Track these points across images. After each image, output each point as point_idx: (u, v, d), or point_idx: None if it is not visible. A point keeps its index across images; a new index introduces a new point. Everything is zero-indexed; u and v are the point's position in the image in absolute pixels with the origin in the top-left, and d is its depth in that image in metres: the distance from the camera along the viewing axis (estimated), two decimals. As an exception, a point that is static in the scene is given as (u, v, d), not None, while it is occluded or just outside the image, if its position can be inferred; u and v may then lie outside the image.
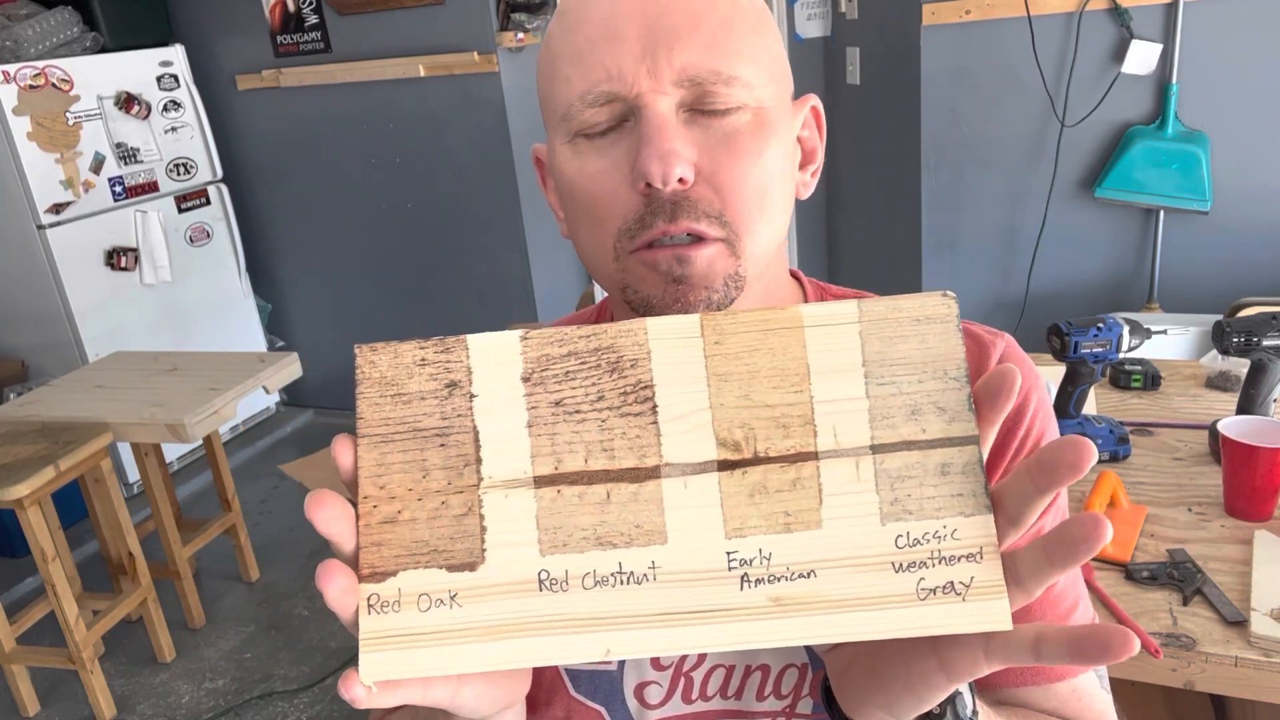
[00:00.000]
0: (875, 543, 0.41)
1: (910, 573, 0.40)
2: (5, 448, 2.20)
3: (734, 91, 0.56)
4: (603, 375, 0.43)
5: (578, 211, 0.60)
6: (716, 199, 0.56)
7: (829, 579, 0.41)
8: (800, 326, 0.43)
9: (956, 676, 0.42)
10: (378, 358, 0.43)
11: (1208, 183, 2.61)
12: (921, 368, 0.42)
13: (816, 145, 0.67)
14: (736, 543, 0.41)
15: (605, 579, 0.41)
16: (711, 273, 0.56)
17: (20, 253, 3.17)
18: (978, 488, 0.41)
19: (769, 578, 0.41)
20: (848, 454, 0.42)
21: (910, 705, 0.45)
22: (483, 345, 0.43)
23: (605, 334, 0.43)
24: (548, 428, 0.43)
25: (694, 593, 0.41)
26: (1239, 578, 1.11)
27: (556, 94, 0.58)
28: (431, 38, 3.32)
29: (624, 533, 0.42)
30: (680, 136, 0.55)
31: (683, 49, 0.55)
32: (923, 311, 0.42)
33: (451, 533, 0.42)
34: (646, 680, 0.64)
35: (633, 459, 0.42)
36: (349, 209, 3.72)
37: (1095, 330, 1.37)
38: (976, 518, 0.41)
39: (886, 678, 0.45)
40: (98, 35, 3.49)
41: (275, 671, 2.49)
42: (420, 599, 0.41)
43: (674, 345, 0.43)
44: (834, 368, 0.42)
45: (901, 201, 3.08)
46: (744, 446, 0.42)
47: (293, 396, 4.11)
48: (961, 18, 2.74)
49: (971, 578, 0.40)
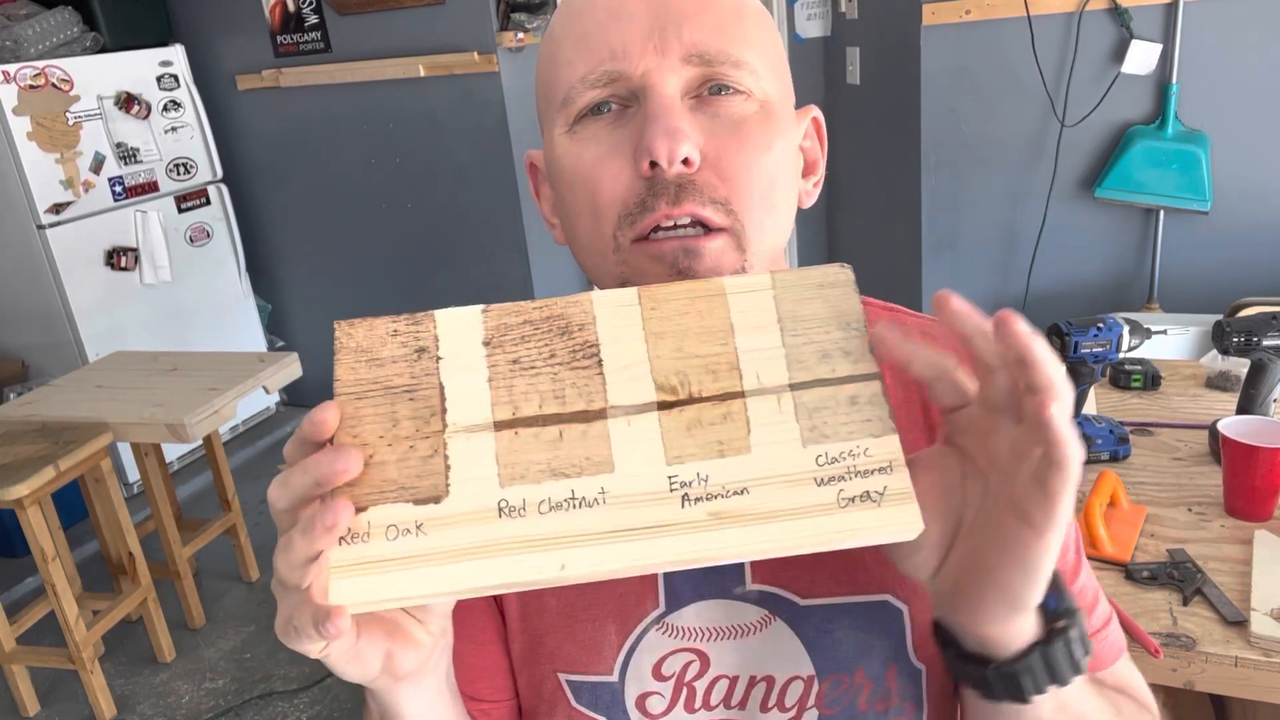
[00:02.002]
0: (799, 462, 0.46)
1: (831, 485, 0.46)
2: (5, 448, 2.20)
3: (742, 76, 0.55)
4: (554, 337, 0.48)
5: (576, 202, 0.58)
6: (722, 186, 0.55)
7: (760, 494, 0.45)
8: (724, 294, 0.49)
9: (1037, 523, 0.43)
10: (354, 330, 0.49)
11: (1208, 183, 2.61)
12: (827, 322, 0.49)
13: (818, 156, 0.66)
14: (676, 468, 0.46)
15: (559, 504, 0.45)
16: (719, 267, 0.55)
17: (20, 252, 3.17)
18: (883, 414, 0.47)
19: (707, 496, 0.45)
20: (770, 392, 0.47)
21: (1022, 580, 0.45)
22: (448, 317, 0.49)
23: (556, 305, 0.49)
24: (505, 381, 0.48)
25: (640, 512, 0.45)
26: (1239, 578, 1.11)
27: (558, 80, 0.57)
28: (431, 38, 3.32)
29: (576, 464, 0.46)
30: (686, 118, 0.54)
31: (691, 28, 0.54)
32: (825, 279, 0.50)
33: (419, 471, 0.46)
34: (648, 691, 0.63)
35: (582, 403, 0.47)
36: (349, 209, 3.72)
37: (1095, 330, 1.37)
38: (884, 438, 0.46)
39: (990, 563, 0.46)
40: (98, 35, 3.49)
41: (275, 671, 2.49)
42: (388, 529, 0.45)
43: (616, 311, 0.49)
44: (753, 325, 0.49)
45: (901, 201, 3.08)
46: (679, 390, 0.48)
47: (293, 396, 4.11)
48: (961, 18, 2.74)
49: (885, 487, 0.45)
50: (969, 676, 0.52)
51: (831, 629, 0.61)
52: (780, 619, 0.62)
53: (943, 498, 0.48)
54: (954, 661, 0.52)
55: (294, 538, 0.43)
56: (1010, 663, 0.49)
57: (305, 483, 0.44)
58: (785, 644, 0.62)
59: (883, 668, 0.62)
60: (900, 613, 0.62)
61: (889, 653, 0.62)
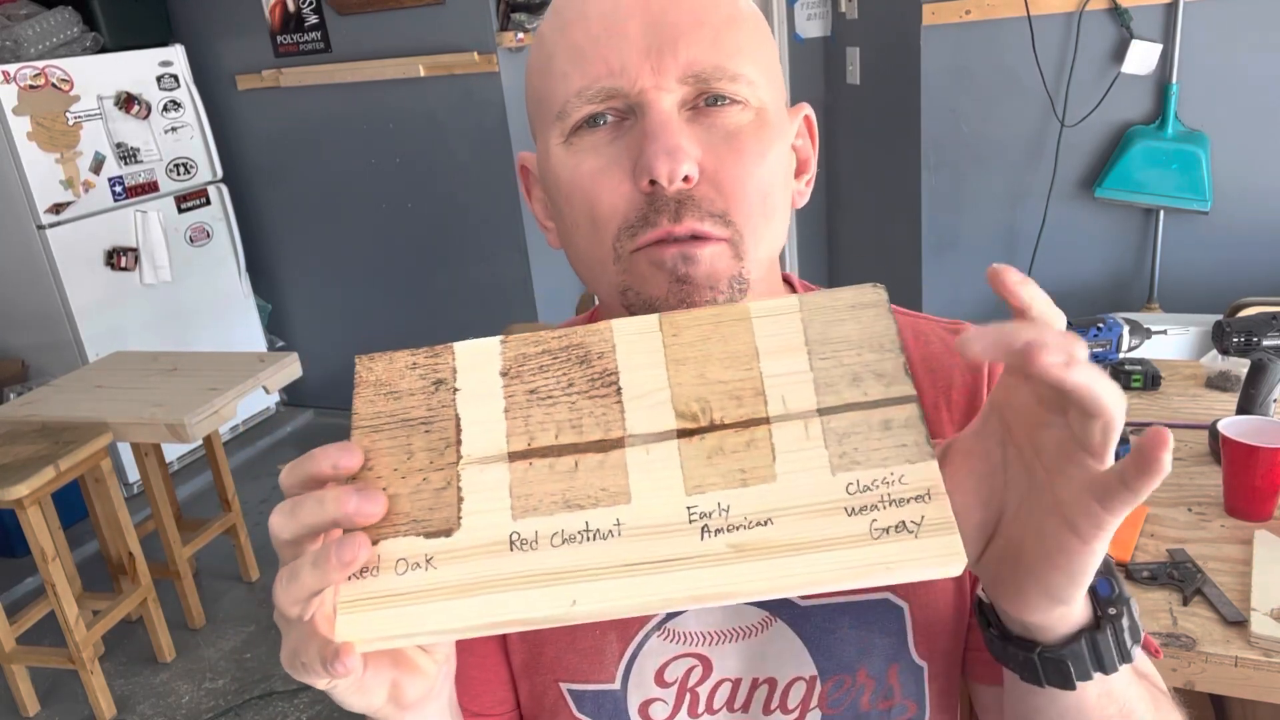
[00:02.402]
0: (827, 491, 0.43)
1: (863, 515, 0.42)
2: (5, 448, 2.20)
3: (738, 87, 0.55)
4: (573, 367, 0.47)
5: (574, 213, 0.58)
6: (720, 199, 0.55)
7: (785, 525, 0.43)
8: (749, 318, 0.47)
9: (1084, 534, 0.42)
10: (374, 364, 0.48)
11: (1208, 183, 2.61)
12: (859, 344, 0.46)
13: (810, 155, 0.66)
14: (696, 498, 0.44)
15: (572, 536, 0.43)
16: (715, 272, 0.55)
17: (20, 252, 3.17)
18: (920, 438, 0.43)
19: (728, 527, 0.43)
20: (796, 417, 0.45)
21: (1064, 582, 0.44)
22: (467, 348, 0.48)
23: (575, 334, 0.48)
24: (522, 411, 0.46)
25: (657, 544, 0.43)
26: (1239, 578, 1.11)
27: (553, 92, 0.57)
28: (431, 38, 3.31)
29: (591, 495, 0.44)
30: (684, 133, 0.54)
31: (687, 46, 0.54)
32: (858, 299, 0.47)
33: (431, 504, 0.45)
34: (651, 698, 0.63)
35: (599, 432, 0.46)
36: (349, 209, 3.72)
37: (1095, 330, 1.37)
38: (921, 464, 0.43)
39: (1031, 561, 0.44)
40: (98, 35, 3.49)
41: (275, 671, 2.49)
42: (398, 563, 0.43)
43: (636, 339, 0.47)
44: (780, 349, 0.46)
45: (901, 201, 3.08)
46: (700, 417, 0.45)
47: (293, 396, 4.11)
48: (961, 18, 2.74)
49: (922, 516, 0.42)
50: (1012, 659, 0.50)
51: (833, 629, 0.61)
52: (781, 620, 0.62)
53: (983, 484, 0.45)
54: (996, 642, 0.51)
55: (302, 570, 0.42)
56: (1056, 647, 0.48)
57: (319, 517, 0.42)
58: (787, 645, 0.62)
59: (884, 666, 0.62)
60: (900, 610, 0.62)
61: (890, 651, 0.62)
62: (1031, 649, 0.49)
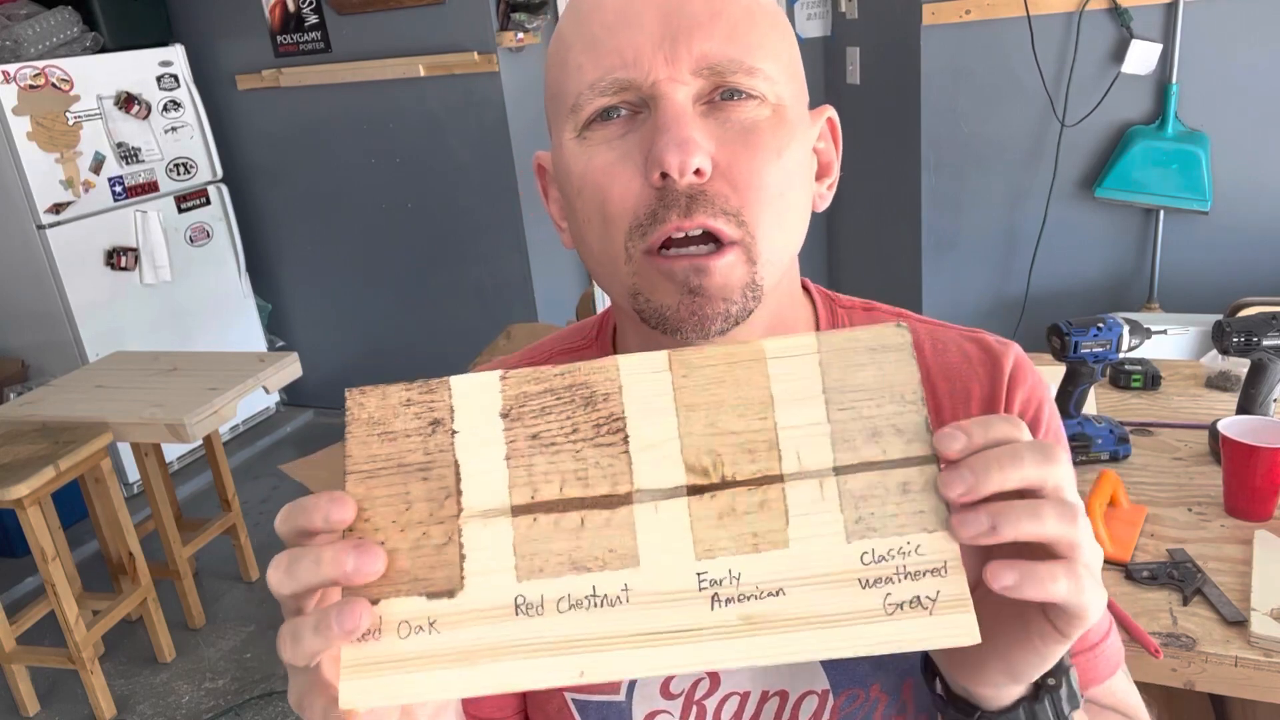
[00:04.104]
0: (841, 560, 0.42)
1: (877, 588, 0.41)
2: (5, 448, 2.20)
3: (755, 82, 0.54)
4: (577, 409, 0.45)
5: (586, 209, 0.56)
6: (734, 195, 0.53)
7: (798, 597, 0.42)
8: (763, 359, 0.44)
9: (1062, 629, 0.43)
10: (366, 399, 0.45)
11: (1208, 183, 2.61)
12: (879, 393, 0.44)
13: (833, 158, 0.65)
14: (706, 564, 0.42)
15: (579, 602, 0.42)
16: (729, 283, 0.54)
17: (20, 253, 3.17)
18: (938, 505, 0.42)
19: (739, 597, 0.42)
20: (811, 475, 0.43)
21: (1033, 664, 0.45)
22: (464, 386, 0.45)
23: (579, 371, 0.45)
24: (524, 459, 0.44)
25: (666, 613, 0.42)
26: (1239, 578, 1.11)
27: (567, 84, 0.56)
28: (431, 38, 3.32)
29: (598, 556, 0.43)
30: (698, 126, 0.52)
31: (703, 38, 0.53)
32: (879, 341, 0.44)
33: (432, 562, 0.43)
34: (657, 710, 0.62)
35: (606, 486, 0.44)
36: (349, 209, 3.72)
37: (1095, 330, 1.37)
38: (939, 533, 0.42)
39: (1004, 642, 0.45)
40: (98, 35, 3.49)
41: (275, 671, 2.49)
42: (400, 626, 0.42)
43: (644, 379, 0.45)
44: (796, 395, 0.44)
45: (901, 201, 3.08)
46: (712, 472, 0.43)
47: (293, 396, 4.11)
48: (961, 18, 2.74)
49: (937, 592, 0.41)
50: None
51: None
52: None
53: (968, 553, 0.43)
54: (939, 701, 0.52)
55: (304, 634, 0.41)
56: (995, 715, 0.49)
57: (316, 577, 0.41)
58: None
59: (898, 682, 0.61)
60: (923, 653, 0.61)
61: (905, 667, 0.61)
62: (971, 714, 0.50)
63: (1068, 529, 0.41)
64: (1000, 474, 0.40)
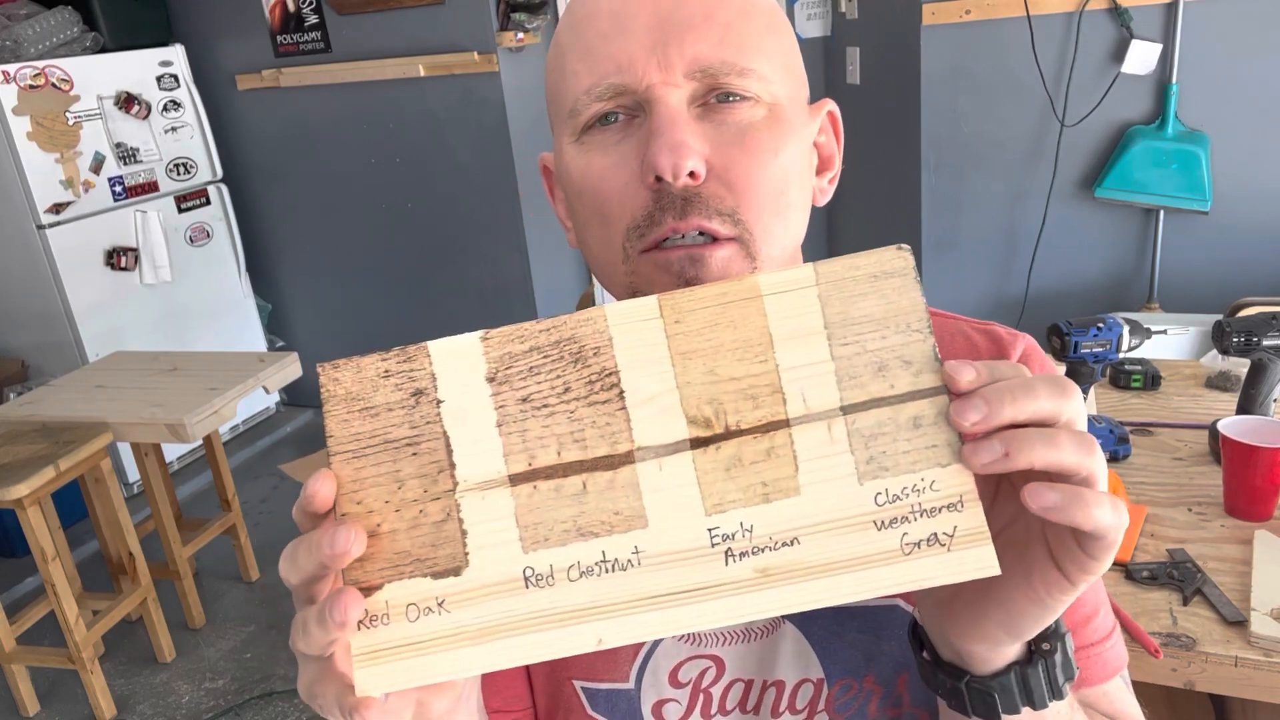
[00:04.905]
0: (855, 503, 0.41)
1: (893, 529, 0.40)
2: (5, 448, 2.20)
3: (748, 84, 0.54)
4: (567, 367, 0.42)
5: (585, 212, 0.57)
6: (729, 196, 0.53)
7: (813, 545, 0.41)
8: (759, 296, 0.42)
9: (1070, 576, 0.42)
10: (340, 374, 0.43)
11: (1208, 183, 2.61)
12: (884, 323, 0.42)
13: (834, 152, 0.65)
14: (717, 519, 0.41)
15: (590, 569, 0.41)
16: (726, 274, 0.54)
17: (20, 253, 3.17)
18: (951, 437, 0.41)
19: (753, 550, 0.41)
20: (819, 418, 0.41)
21: (1034, 615, 0.44)
22: (444, 350, 0.43)
23: (565, 325, 0.43)
24: (517, 425, 0.42)
25: (680, 573, 0.41)
26: (1239, 578, 1.11)
27: (564, 90, 0.57)
28: (431, 38, 3.32)
29: (604, 521, 0.41)
30: (692, 129, 0.53)
31: (695, 40, 0.53)
32: (880, 267, 0.42)
33: (432, 540, 0.42)
34: (665, 698, 0.63)
35: (605, 447, 0.42)
36: (349, 209, 3.72)
37: (1095, 330, 1.37)
38: (953, 467, 0.40)
39: (1004, 590, 0.44)
40: (98, 35, 3.49)
41: (275, 671, 2.49)
42: (409, 609, 0.41)
43: (635, 329, 0.42)
44: (796, 333, 0.42)
45: (901, 201, 3.08)
46: (714, 422, 0.42)
47: (293, 396, 4.11)
48: (961, 18, 2.74)
49: (955, 527, 0.40)
50: (940, 686, 0.50)
51: (840, 633, 0.61)
52: (789, 622, 0.62)
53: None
54: (925, 667, 0.51)
55: (310, 626, 0.41)
56: (985, 679, 0.48)
57: (311, 562, 0.41)
58: (795, 647, 0.61)
59: (894, 673, 0.61)
60: (910, 617, 0.61)
61: (900, 658, 0.61)
62: (959, 678, 0.49)
63: (1086, 457, 0.40)
64: (1014, 403, 0.39)
